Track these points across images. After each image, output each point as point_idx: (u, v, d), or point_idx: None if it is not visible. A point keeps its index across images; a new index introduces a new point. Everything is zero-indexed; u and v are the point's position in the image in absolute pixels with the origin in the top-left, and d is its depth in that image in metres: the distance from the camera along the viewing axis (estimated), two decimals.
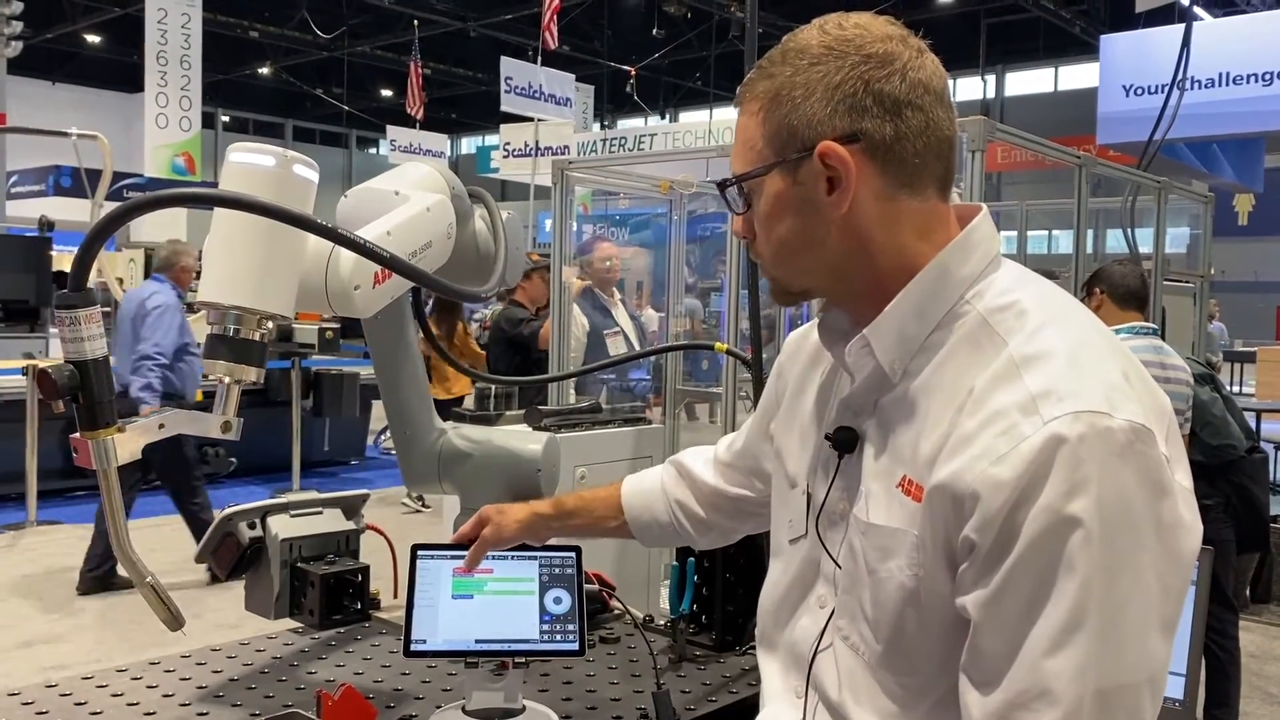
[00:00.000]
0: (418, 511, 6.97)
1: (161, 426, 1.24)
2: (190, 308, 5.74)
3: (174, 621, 1.24)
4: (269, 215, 1.18)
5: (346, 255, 1.35)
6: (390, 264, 1.25)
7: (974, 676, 0.97)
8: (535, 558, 1.50)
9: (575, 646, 1.44)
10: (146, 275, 16.35)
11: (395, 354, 1.81)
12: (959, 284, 1.06)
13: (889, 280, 1.07)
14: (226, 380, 1.29)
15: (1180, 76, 5.76)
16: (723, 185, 1.12)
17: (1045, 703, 0.91)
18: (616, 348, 5.57)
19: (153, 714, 1.49)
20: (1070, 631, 0.91)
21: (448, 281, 1.42)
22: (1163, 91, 5.97)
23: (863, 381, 1.10)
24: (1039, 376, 0.96)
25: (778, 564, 1.24)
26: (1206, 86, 6.90)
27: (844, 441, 1.11)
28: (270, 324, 1.29)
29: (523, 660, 1.43)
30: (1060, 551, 0.91)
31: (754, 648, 1.78)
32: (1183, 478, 0.96)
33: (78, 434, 1.16)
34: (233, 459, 7.74)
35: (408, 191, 1.55)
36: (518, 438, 1.86)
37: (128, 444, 1.18)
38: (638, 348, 5.68)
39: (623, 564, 3.56)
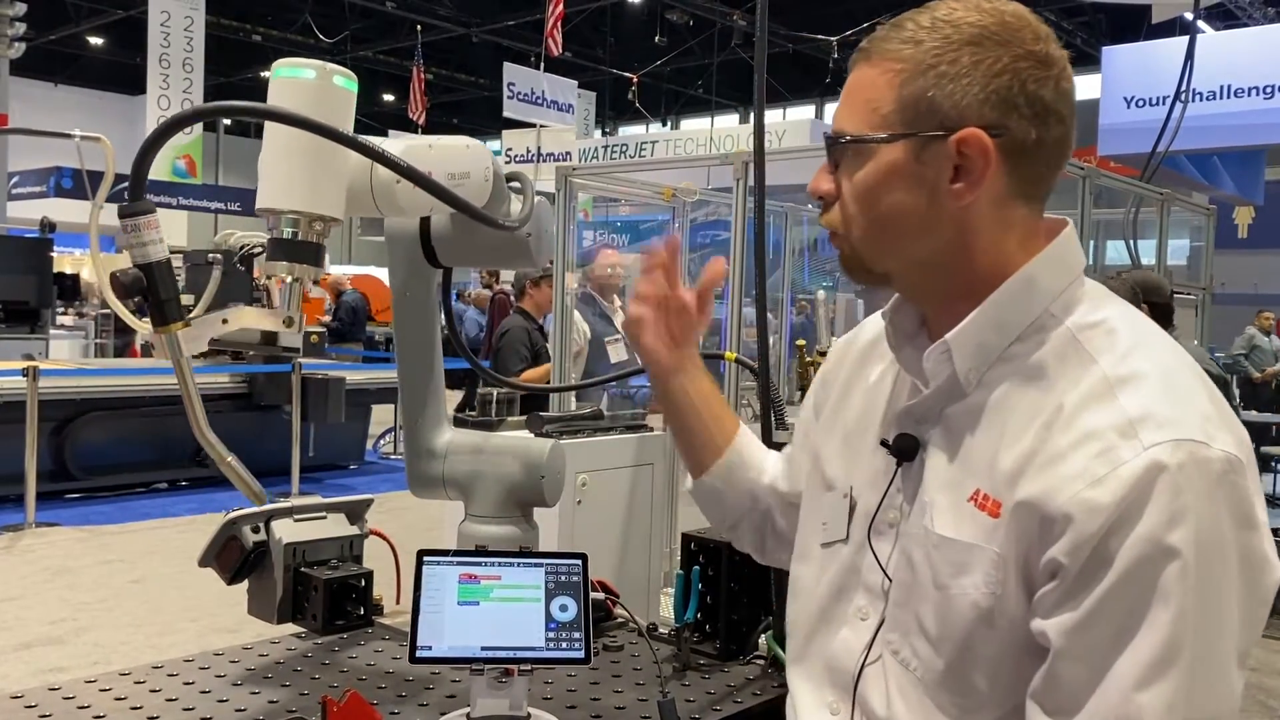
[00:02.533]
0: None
1: (225, 321, 1.31)
2: None
3: (257, 498, 1.34)
4: (302, 127, 1.26)
5: (388, 178, 1.42)
6: (408, 174, 1.31)
7: (1046, 704, 0.94)
8: (541, 565, 1.50)
9: (581, 654, 1.43)
10: None
11: (420, 348, 1.82)
12: (1044, 297, 1.04)
13: (979, 285, 1.04)
14: (288, 279, 1.36)
15: (1183, 89, 5.77)
16: (834, 140, 1.06)
17: None
18: (618, 354, 5.57)
19: (156, 718, 1.49)
20: (1163, 665, 0.88)
21: (470, 203, 1.47)
22: (1164, 104, 5.99)
23: (933, 389, 1.07)
24: (1135, 399, 0.94)
25: (807, 569, 1.21)
26: (1208, 99, 6.93)
27: (905, 449, 1.07)
28: (322, 225, 1.36)
29: (528, 668, 1.42)
30: (1155, 581, 0.88)
31: (759, 657, 1.78)
32: (1262, 511, 0.94)
33: (151, 332, 1.25)
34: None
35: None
36: (522, 443, 1.86)
37: (195, 336, 1.27)
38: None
39: (623, 571, 3.55)
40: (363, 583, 1.91)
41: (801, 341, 1.77)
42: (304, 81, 1.34)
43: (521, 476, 1.79)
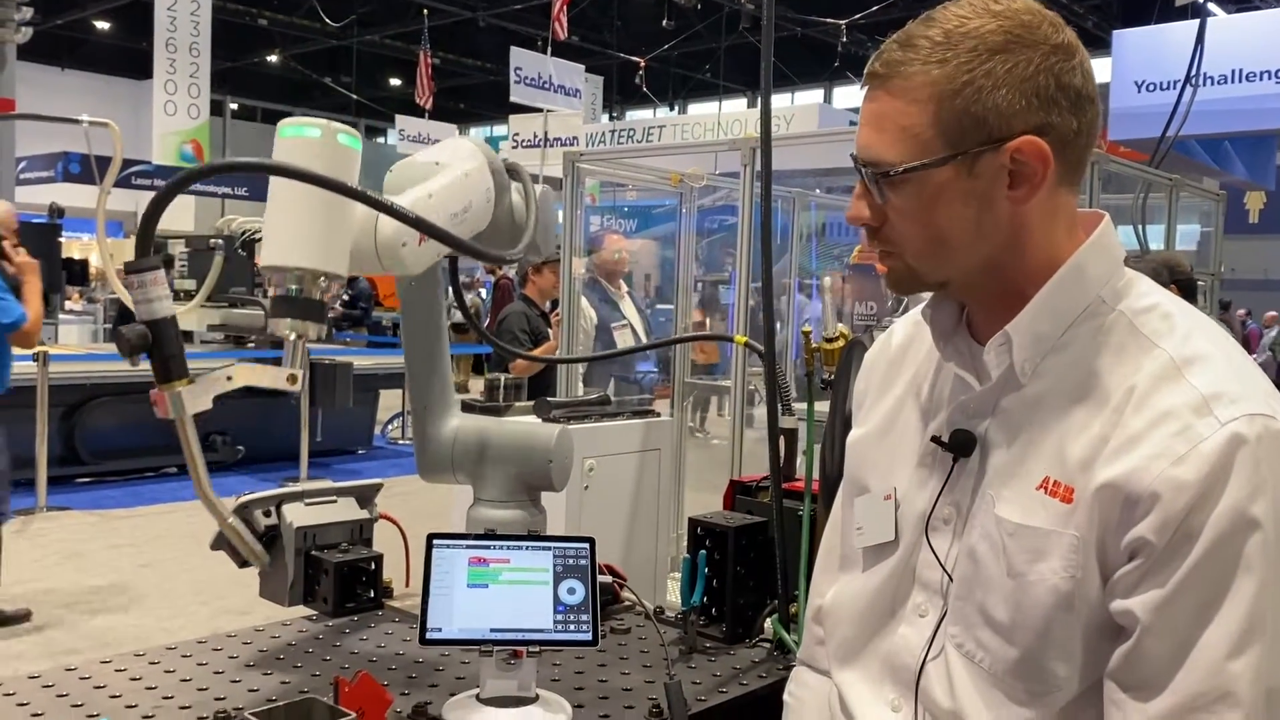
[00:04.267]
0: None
1: (229, 379, 1.32)
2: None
3: (259, 559, 1.35)
4: (310, 182, 1.28)
5: (389, 225, 1.43)
6: (417, 225, 1.32)
7: (1129, 681, 0.96)
8: (549, 548, 1.51)
9: (589, 637, 1.45)
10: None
11: (427, 334, 1.84)
12: (1094, 284, 1.06)
13: (1032, 277, 1.05)
14: (292, 337, 1.38)
15: (1194, 73, 5.74)
16: (884, 175, 1.04)
17: (1227, 705, 0.91)
18: (624, 340, 5.58)
19: (170, 698, 1.51)
20: (1250, 634, 0.91)
21: (477, 245, 1.54)
22: (1175, 88, 5.96)
23: (986, 382, 1.08)
24: (1205, 378, 0.97)
25: (853, 573, 1.22)
26: (1219, 83, 6.88)
27: (962, 444, 1.09)
28: (327, 282, 1.38)
29: (536, 649, 1.44)
30: (1240, 553, 0.91)
31: (765, 641, 1.80)
32: None
33: (155, 390, 1.25)
34: (240, 447, 7.79)
35: (447, 161, 1.61)
36: (530, 429, 1.88)
37: (198, 395, 1.28)
38: (645, 340, 5.69)
39: (630, 556, 3.57)
40: (373, 566, 1.93)
41: (807, 328, 1.77)
42: (309, 140, 1.37)
43: (529, 461, 1.81)
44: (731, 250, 9.65)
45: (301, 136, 1.37)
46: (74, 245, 14.91)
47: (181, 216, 20.41)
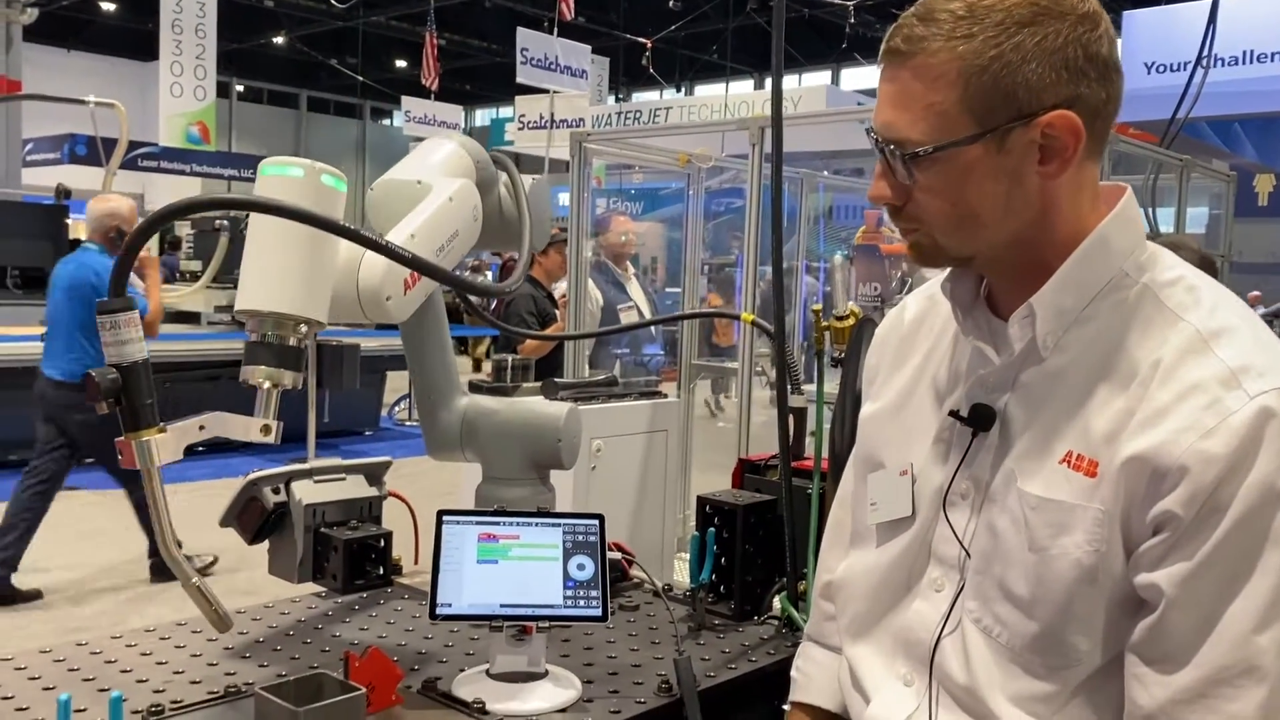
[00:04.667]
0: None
1: (202, 428, 1.27)
2: None
3: (221, 622, 1.26)
4: (297, 219, 1.23)
5: (375, 265, 1.38)
6: (417, 266, 1.29)
7: (1152, 654, 0.96)
8: (559, 525, 1.51)
9: (598, 612, 1.45)
10: (160, 246, 16.45)
11: (423, 319, 1.82)
12: (1118, 256, 1.05)
13: (1057, 250, 1.05)
14: (266, 385, 1.32)
15: (1206, 54, 5.70)
16: (911, 155, 1.02)
17: (1253, 679, 0.91)
18: (630, 321, 5.57)
19: (180, 672, 1.51)
20: (1277, 607, 0.91)
21: (474, 281, 1.56)
22: (1185, 69, 5.92)
23: (1007, 356, 1.08)
24: (1231, 351, 0.97)
25: (865, 548, 1.22)
26: (1230, 64, 6.84)
27: (982, 419, 1.08)
28: (305, 329, 1.32)
29: (546, 625, 1.44)
30: (1268, 526, 0.91)
31: (773, 618, 1.80)
32: None
33: (122, 437, 1.19)
34: None
35: (430, 179, 1.55)
36: (539, 407, 1.88)
37: (169, 444, 1.21)
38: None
39: (637, 533, 3.58)
40: (382, 543, 1.93)
41: (817, 306, 1.76)
42: (292, 180, 1.32)
43: (539, 439, 1.81)
44: (738, 233, 9.64)
45: (284, 176, 1.32)
46: (80, 227, 14.89)
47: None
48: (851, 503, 1.30)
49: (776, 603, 1.81)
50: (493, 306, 9.20)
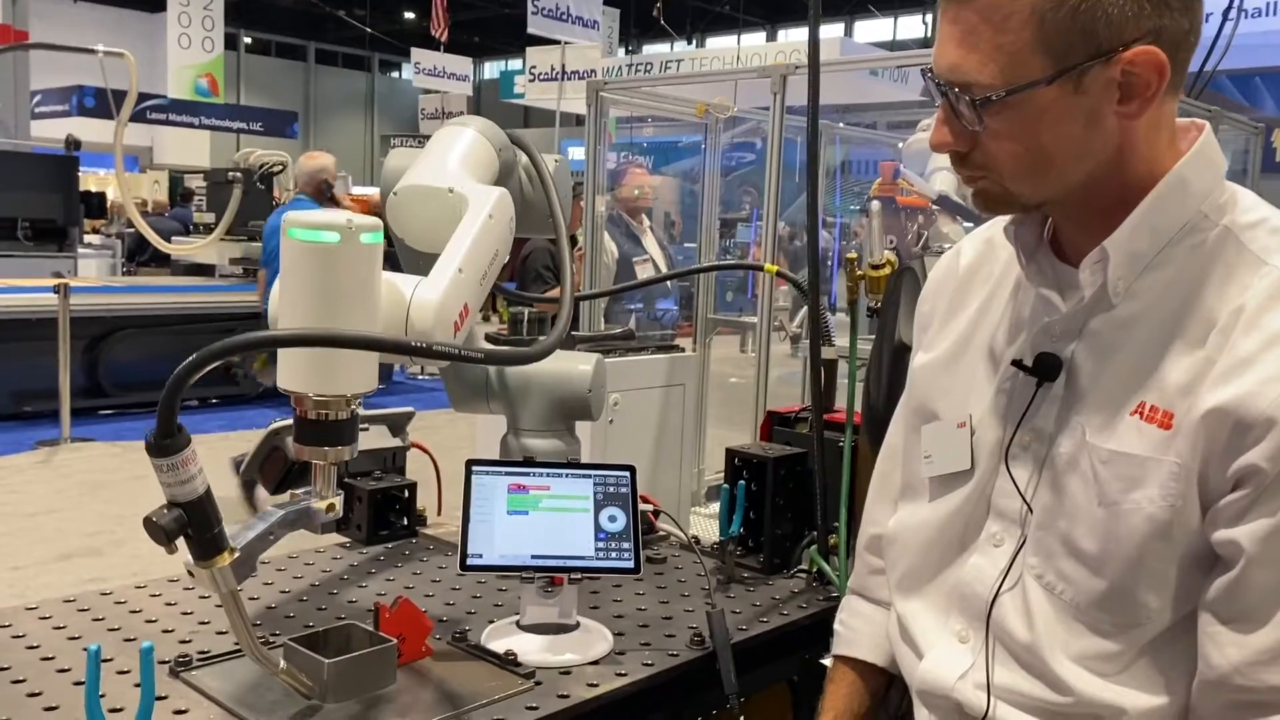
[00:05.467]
0: None
1: (272, 536, 1.21)
2: None
3: (311, 691, 1.23)
4: (343, 346, 1.15)
5: (425, 310, 1.27)
6: (457, 358, 1.19)
7: (1228, 612, 0.93)
8: (589, 476, 1.49)
9: (631, 565, 1.43)
10: (171, 198, 16.39)
11: None
12: (1196, 198, 1.00)
13: (1133, 191, 0.99)
14: (320, 464, 1.26)
15: (1233, 5, 5.58)
16: (983, 99, 0.95)
17: None
18: (645, 274, 5.53)
19: (206, 623, 1.50)
20: None
21: (513, 350, 1.45)
22: (1211, 20, 5.80)
23: (1075, 303, 1.03)
24: None
25: (917, 502, 1.19)
26: (1253, 16, 6.69)
27: (1048, 368, 1.04)
28: (357, 400, 1.25)
29: (578, 577, 1.42)
30: None
31: (802, 571, 1.78)
32: None
33: (194, 566, 1.14)
34: (261, 381, 7.80)
35: (462, 187, 1.44)
36: (566, 359, 1.84)
37: (242, 566, 1.16)
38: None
39: (656, 485, 3.56)
40: (406, 494, 1.91)
41: (853, 254, 1.72)
42: (328, 248, 1.16)
43: (568, 391, 1.78)
44: (750, 188, 9.52)
45: (319, 243, 1.16)
46: (90, 179, 14.84)
47: (198, 151, 20.31)
48: (902, 455, 1.26)
49: (807, 556, 1.78)
50: (506, 272, 9.14)
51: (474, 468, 1.46)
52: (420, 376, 9.90)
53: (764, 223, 4.26)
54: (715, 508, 4.49)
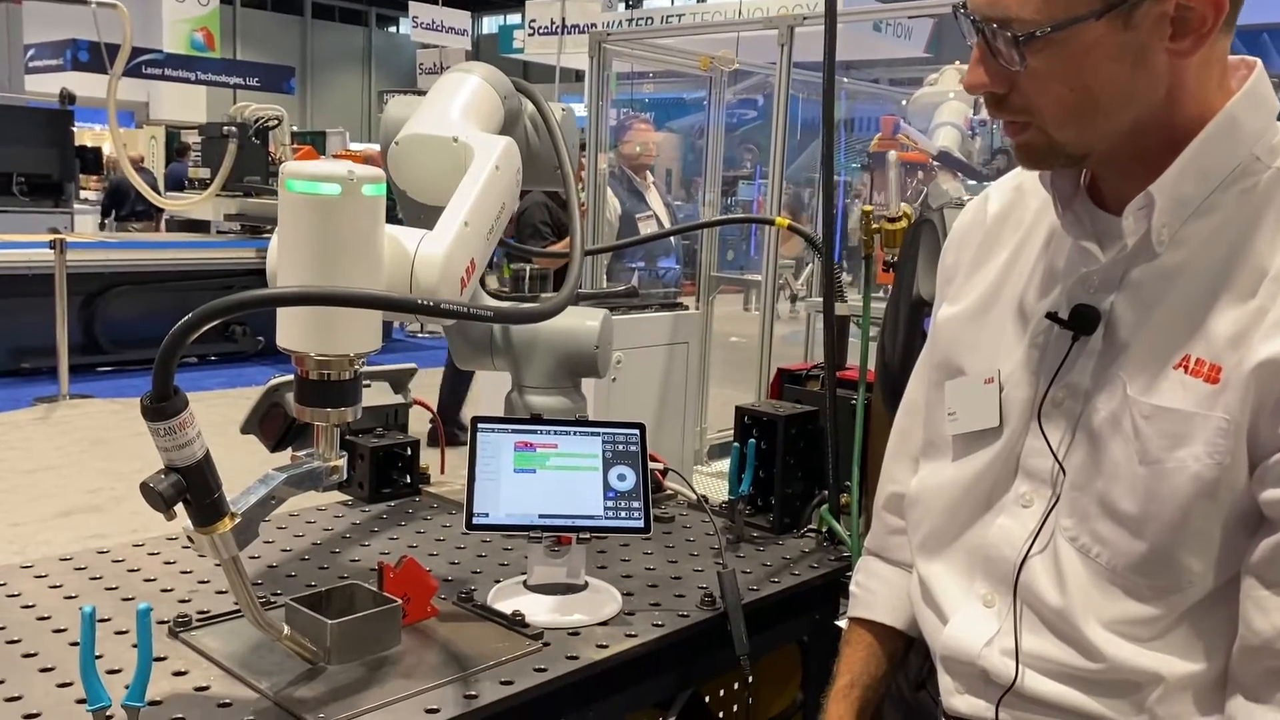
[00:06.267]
0: None
1: (274, 500, 1.17)
2: None
3: (315, 656, 1.20)
4: (347, 304, 1.08)
5: (431, 266, 1.22)
6: (466, 316, 1.16)
7: (1272, 576, 0.90)
8: (598, 434, 1.45)
9: (641, 524, 1.39)
10: (168, 154, 16.23)
11: None
12: (1247, 139, 0.95)
13: (1180, 134, 0.94)
14: (323, 425, 1.21)
15: None
16: (1026, 36, 0.90)
17: None
18: (649, 230, 5.46)
19: (206, 582, 1.47)
20: None
21: (523, 308, 1.34)
22: None
23: (1116, 252, 0.98)
24: None
25: (940, 461, 1.14)
26: None
27: (1086, 320, 0.99)
28: (361, 360, 1.20)
29: (587, 536, 1.39)
30: None
31: (813, 531, 1.75)
32: None
33: (195, 532, 1.09)
34: (260, 338, 7.76)
35: (466, 136, 1.38)
36: (573, 315, 1.80)
37: (244, 531, 1.12)
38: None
39: (659, 443, 3.53)
40: (409, 451, 1.88)
41: (869, 206, 1.66)
42: (327, 201, 1.10)
43: (576, 348, 1.73)
44: (752, 145, 9.41)
45: (318, 195, 1.10)
46: (86, 134, 14.69)
47: (194, 107, 20.09)
48: (924, 412, 1.22)
49: (815, 516, 1.75)
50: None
51: (480, 424, 1.42)
52: (420, 335, 9.85)
53: (769, 180, 4.19)
54: (717, 466, 4.48)
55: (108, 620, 1.31)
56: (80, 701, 1.07)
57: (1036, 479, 1.04)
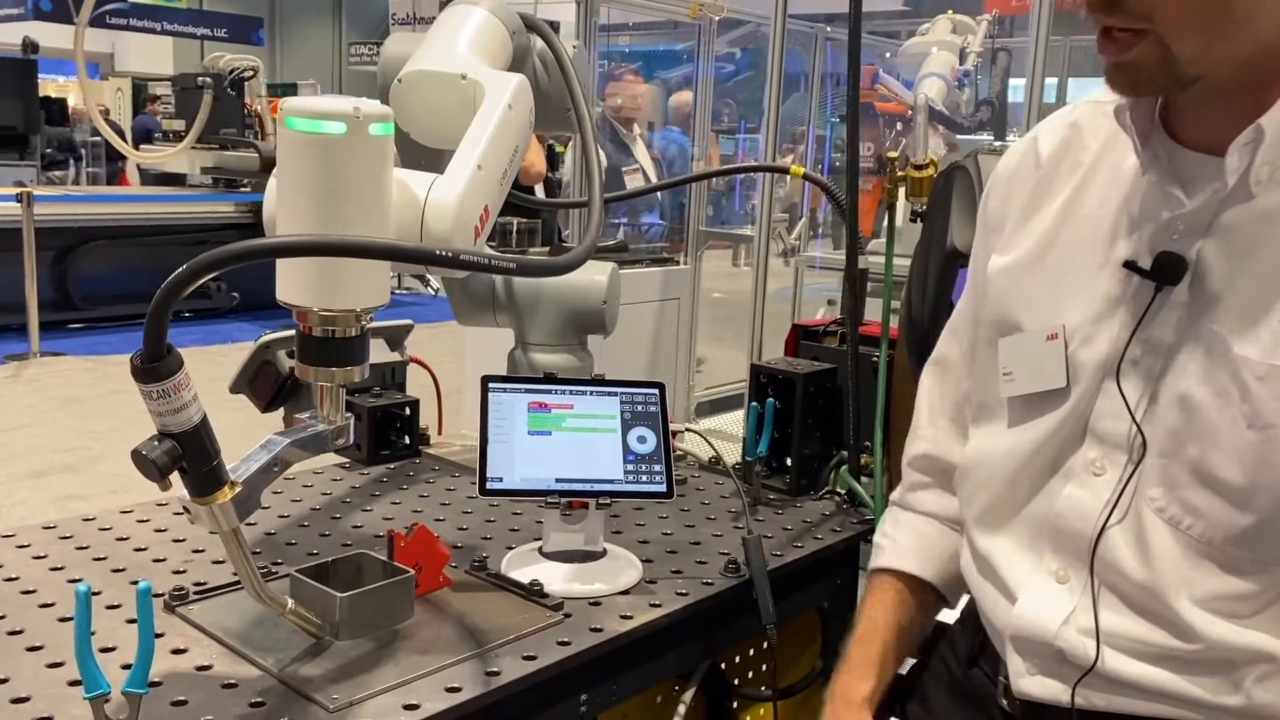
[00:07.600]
0: None
1: (276, 468, 1.08)
2: None
3: (321, 630, 1.12)
4: (359, 254, 0.98)
5: (443, 213, 1.13)
6: (487, 268, 1.04)
7: None
8: (616, 394, 1.37)
9: (663, 488, 1.32)
10: (135, 105, 15.85)
11: None
12: None
13: None
14: (327, 385, 1.13)
15: None
16: None
17: None
18: (635, 184, 5.37)
19: (201, 551, 1.39)
20: None
21: (548, 260, 1.21)
22: None
23: (1210, 193, 0.89)
24: None
25: (994, 425, 1.06)
26: None
27: (1170, 269, 0.90)
28: (369, 315, 1.11)
29: (606, 501, 1.31)
30: None
31: (830, 493, 1.68)
32: None
33: (191, 502, 1.00)
34: (235, 294, 7.60)
35: (475, 73, 1.29)
36: (579, 269, 1.71)
37: (244, 501, 1.03)
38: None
39: None
40: (407, 411, 1.79)
41: (894, 153, 1.58)
42: (332, 140, 1.01)
43: (583, 303, 1.66)
44: (729, 100, 9.26)
45: (321, 134, 1.01)
46: (49, 86, 14.29)
47: (161, 58, 19.62)
48: (962, 370, 1.14)
49: (834, 478, 1.69)
50: None
51: (490, 384, 1.34)
52: (414, 291, 9.62)
53: (763, 133, 4.10)
54: (707, 424, 4.41)
55: (98, 594, 1.22)
56: (73, 684, 1.00)
57: (1109, 443, 0.97)
